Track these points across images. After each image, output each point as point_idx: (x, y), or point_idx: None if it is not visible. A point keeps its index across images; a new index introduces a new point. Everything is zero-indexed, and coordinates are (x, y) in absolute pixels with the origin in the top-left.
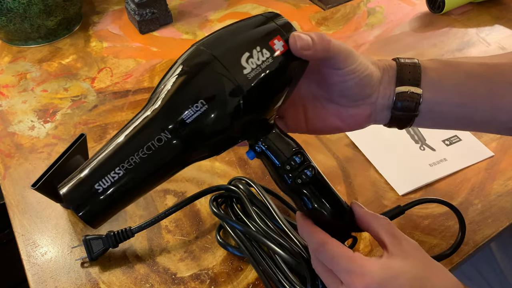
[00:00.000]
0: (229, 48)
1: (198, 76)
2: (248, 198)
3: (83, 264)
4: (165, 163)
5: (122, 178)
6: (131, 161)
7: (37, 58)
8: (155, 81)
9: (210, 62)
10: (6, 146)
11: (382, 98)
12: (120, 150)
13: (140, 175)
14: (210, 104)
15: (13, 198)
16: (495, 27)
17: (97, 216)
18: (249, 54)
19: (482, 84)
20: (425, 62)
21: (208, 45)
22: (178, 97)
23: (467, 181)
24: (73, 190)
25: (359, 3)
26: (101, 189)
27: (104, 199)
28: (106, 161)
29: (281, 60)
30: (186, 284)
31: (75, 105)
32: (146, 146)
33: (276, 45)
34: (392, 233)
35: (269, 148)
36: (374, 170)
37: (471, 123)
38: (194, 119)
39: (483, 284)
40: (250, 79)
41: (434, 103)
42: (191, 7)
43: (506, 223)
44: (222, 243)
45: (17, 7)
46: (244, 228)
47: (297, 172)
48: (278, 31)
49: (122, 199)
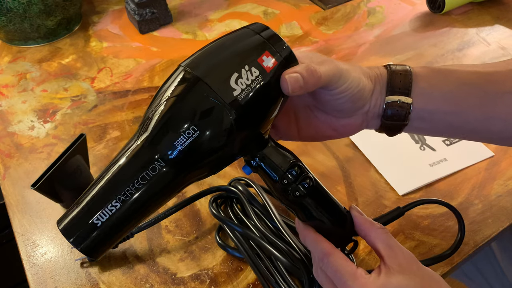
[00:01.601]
0: (216, 69)
1: (187, 101)
2: (247, 199)
3: (83, 264)
4: (162, 189)
5: (119, 210)
6: (127, 192)
7: (37, 58)
8: (155, 81)
9: (198, 86)
10: (6, 146)
11: (373, 107)
12: (115, 183)
13: (138, 205)
14: (201, 130)
15: (12, 198)
16: (495, 27)
17: (98, 248)
18: (238, 74)
19: (473, 93)
20: (416, 70)
21: (195, 67)
22: (168, 125)
23: (467, 181)
24: (72, 227)
25: (359, 3)
26: (100, 223)
27: (104, 232)
28: (102, 194)
29: (271, 76)
30: (186, 284)
31: (75, 105)
32: (140, 177)
33: (265, 62)
34: (388, 244)
35: (265, 163)
36: (374, 170)
37: (462, 131)
38: (187, 145)
39: (483, 284)
40: (241, 100)
41: (424, 112)
42: (191, 7)
43: (506, 223)
44: (221, 244)
45: (17, 7)
46: (242, 230)
47: (294, 185)
48: (266, 46)
49: (122, 229)
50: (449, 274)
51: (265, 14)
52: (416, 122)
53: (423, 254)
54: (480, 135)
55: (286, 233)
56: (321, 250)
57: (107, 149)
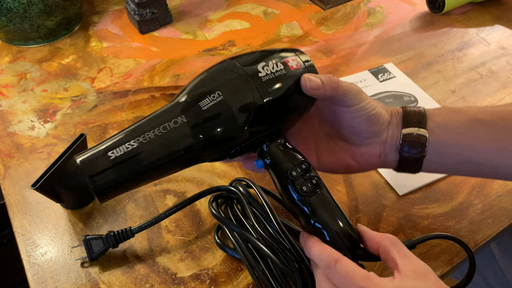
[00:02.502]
0: (249, 58)
1: (215, 71)
2: (247, 200)
3: (83, 264)
4: (176, 147)
5: (134, 150)
6: (146, 136)
7: (37, 58)
8: (155, 81)
9: (230, 64)
10: (6, 146)
11: (391, 139)
12: (139, 127)
13: (151, 152)
14: (225, 95)
15: (13, 198)
16: (495, 27)
17: (105, 186)
18: (265, 63)
19: (484, 128)
20: (429, 109)
21: (233, 57)
22: (198, 88)
23: (467, 181)
24: (88, 157)
25: (359, 3)
26: (113, 156)
27: (114, 168)
28: (124, 135)
29: (293, 74)
30: (186, 284)
31: (75, 105)
32: (162, 126)
33: (290, 63)
34: (404, 253)
35: (276, 156)
36: (374, 170)
37: (480, 167)
38: (210, 107)
39: (482, 284)
40: (264, 81)
41: (441, 145)
42: (191, 7)
43: (506, 223)
44: (220, 244)
45: (17, 7)
46: (240, 230)
47: (302, 179)
48: (294, 54)
49: (131, 173)
50: (448, 274)
51: (265, 14)
52: (434, 156)
53: (423, 254)
54: (497, 171)
55: (285, 235)
56: (328, 257)
57: None
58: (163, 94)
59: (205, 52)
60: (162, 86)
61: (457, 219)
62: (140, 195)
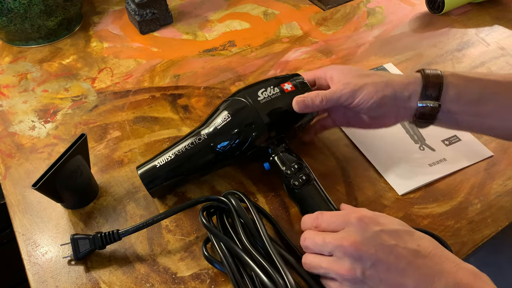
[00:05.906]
0: (253, 87)
1: (229, 100)
2: (237, 214)
3: (83, 263)
4: (200, 156)
5: (172, 160)
6: (180, 151)
7: (37, 58)
8: (155, 81)
9: (239, 95)
10: (7, 146)
11: (404, 112)
12: (176, 144)
13: (182, 161)
14: (233, 116)
15: (13, 198)
16: (495, 27)
17: (154, 186)
18: (264, 89)
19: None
20: (448, 78)
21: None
22: (215, 115)
23: (467, 181)
24: (145, 168)
25: (359, 3)
26: (159, 165)
27: (159, 172)
28: (166, 151)
29: (288, 95)
30: (186, 284)
31: (76, 105)
32: (190, 142)
33: (285, 86)
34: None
35: (278, 158)
36: (374, 170)
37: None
38: (222, 126)
39: None
40: (262, 103)
41: (450, 113)
42: (191, 7)
43: (506, 223)
44: (207, 256)
45: (17, 7)
46: (228, 244)
47: (295, 176)
48: (289, 80)
49: (171, 176)
50: None
51: (265, 14)
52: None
53: None
54: (495, 131)
55: (272, 252)
56: (314, 215)
57: (108, 149)
58: (164, 94)
59: (205, 53)
60: (163, 86)
61: (457, 219)
62: (141, 195)
